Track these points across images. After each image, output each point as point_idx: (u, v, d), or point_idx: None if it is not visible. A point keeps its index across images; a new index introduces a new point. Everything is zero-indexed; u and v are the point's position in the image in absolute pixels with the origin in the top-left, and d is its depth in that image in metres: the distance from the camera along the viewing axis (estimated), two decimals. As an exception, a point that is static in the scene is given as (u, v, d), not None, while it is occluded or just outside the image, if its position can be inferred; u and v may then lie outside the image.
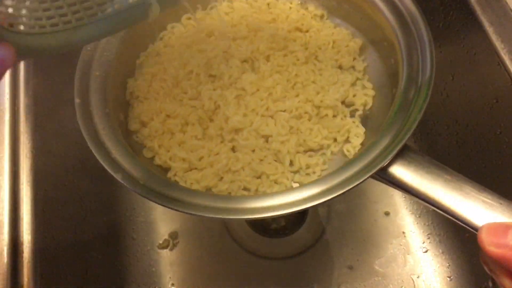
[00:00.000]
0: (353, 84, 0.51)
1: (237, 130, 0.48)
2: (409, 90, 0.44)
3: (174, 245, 0.57)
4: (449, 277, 0.57)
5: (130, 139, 0.48)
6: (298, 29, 0.55)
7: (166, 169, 0.47)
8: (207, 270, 0.55)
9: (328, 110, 0.49)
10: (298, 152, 0.47)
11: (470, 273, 0.56)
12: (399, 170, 0.39)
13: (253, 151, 0.47)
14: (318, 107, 0.49)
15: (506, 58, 0.47)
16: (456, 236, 0.59)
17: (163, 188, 0.41)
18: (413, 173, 0.39)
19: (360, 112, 0.49)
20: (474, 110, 0.47)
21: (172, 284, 0.54)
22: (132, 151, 0.44)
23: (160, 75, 0.51)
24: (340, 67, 0.52)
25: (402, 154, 0.39)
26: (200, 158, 0.46)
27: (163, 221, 0.58)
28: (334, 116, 0.49)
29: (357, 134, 0.48)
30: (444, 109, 0.59)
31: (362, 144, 0.47)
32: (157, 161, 0.47)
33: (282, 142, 0.47)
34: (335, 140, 0.48)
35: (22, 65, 0.47)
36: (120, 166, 0.42)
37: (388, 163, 0.38)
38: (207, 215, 0.39)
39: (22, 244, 0.40)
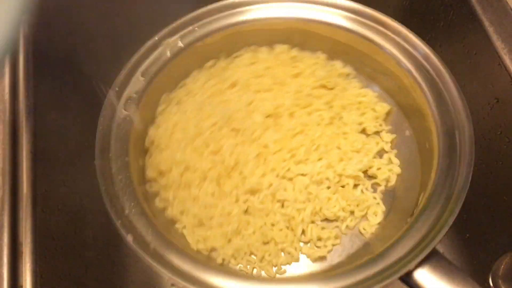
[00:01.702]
0: (379, 155, 0.49)
1: (253, 191, 0.46)
2: (443, 186, 0.41)
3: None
4: None
5: (145, 186, 0.47)
6: (323, 86, 0.52)
7: (175, 220, 0.46)
8: (207, 270, 0.55)
9: (349, 180, 0.47)
10: (312, 222, 0.45)
11: None
12: (424, 276, 0.37)
13: (267, 215, 0.45)
14: (340, 175, 0.47)
15: (506, 58, 0.47)
16: None
17: (175, 256, 0.39)
18: (438, 280, 0.36)
19: (382, 188, 0.47)
20: (474, 110, 0.47)
21: (172, 284, 0.54)
22: (146, 207, 0.43)
23: (181, 125, 0.49)
24: (364, 131, 0.50)
25: (428, 258, 0.37)
26: (211, 217, 0.45)
27: (163, 221, 0.58)
28: (355, 186, 0.47)
29: (376, 212, 0.46)
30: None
31: (379, 223, 0.45)
32: (169, 213, 0.46)
33: (298, 210, 0.45)
34: (352, 213, 0.46)
35: (22, 65, 0.47)
36: (132, 225, 0.41)
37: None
38: None
39: (22, 244, 0.40)
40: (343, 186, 0.47)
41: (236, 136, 0.48)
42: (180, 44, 0.51)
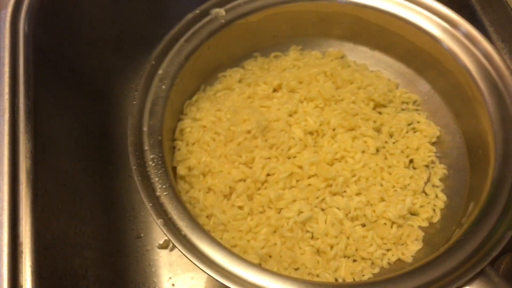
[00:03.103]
0: (423, 191, 0.45)
1: (281, 218, 0.43)
2: (500, 196, 0.38)
3: (174, 245, 0.56)
4: None
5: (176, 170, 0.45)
6: (374, 102, 0.48)
7: (201, 221, 0.43)
8: (207, 270, 0.55)
9: (387, 221, 0.43)
10: (345, 256, 0.42)
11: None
12: None
13: (295, 244, 0.42)
14: (378, 216, 0.43)
15: (506, 58, 0.47)
16: None
17: (208, 247, 0.36)
18: None
19: (420, 224, 0.44)
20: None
21: (172, 284, 0.54)
22: (178, 191, 0.40)
23: (213, 124, 0.46)
24: (412, 162, 0.46)
25: (478, 275, 0.34)
26: (239, 231, 0.42)
27: (163, 221, 0.58)
28: (393, 223, 0.43)
29: (418, 237, 0.43)
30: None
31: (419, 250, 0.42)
32: (197, 211, 0.43)
33: (329, 244, 0.42)
34: (388, 250, 0.43)
35: (21, 65, 0.47)
36: (163, 208, 0.38)
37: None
38: None
39: (22, 244, 0.40)
40: (378, 225, 0.43)
41: (271, 149, 0.45)
42: (223, 13, 0.49)
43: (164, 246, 0.56)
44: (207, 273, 0.35)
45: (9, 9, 0.49)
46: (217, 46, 0.49)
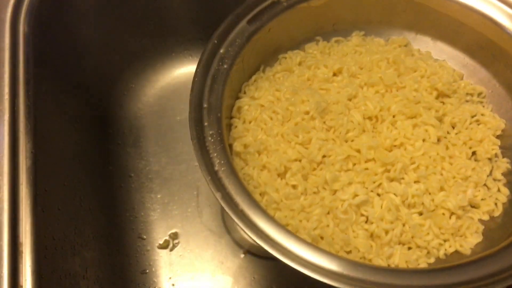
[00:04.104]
0: (484, 184, 0.43)
1: (336, 199, 0.42)
2: None
3: (174, 245, 0.56)
4: None
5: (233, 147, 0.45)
6: (438, 91, 0.47)
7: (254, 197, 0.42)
8: (207, 270, 0.55)
9: (446, 211, 0.42)
10: (399, 243, 0.41)
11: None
12: None
13: (349, 226, 0.41)
14: (437, 206, 0.42)
15: None
16: None
17: (263, 222, 0.36)
18: None
19: (481, 217, 0.42)
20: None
21: (172, 284, 0.54)
22: (235, 168, 0.40)
23: (272, 104, 0.46)
24: (474, 154, 0.45)
25: None
26: (292, 210, 0.42)
27: (163, 221, 0.58)
28: (452, 214, 0.42)
29: (478, 229, 0.42)
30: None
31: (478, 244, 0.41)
32: (250, 188, 0.42)
33: (384, 229, 0.41)
34: (446, 241, 0.41)
35: (21, 65, 0.47)
36: (221, 182, 0.38)
37: None
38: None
39: (22, 244, 0.40)
40: (437, 214, 0.42)
41: (329, 131, 0.44)
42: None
43: (164, 246, 0.56)
44: (263, 247, 0.35)
45: (9, 9, 0.49)
46: (278, 28, 0.49)
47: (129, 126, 0.64)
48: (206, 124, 0.41)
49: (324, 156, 0.43)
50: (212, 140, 0.40)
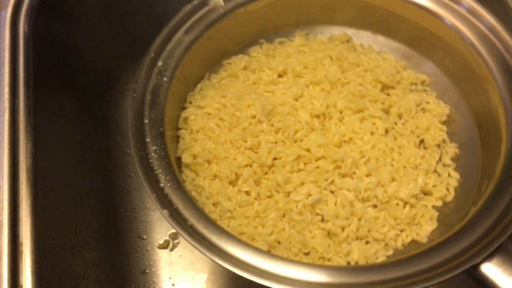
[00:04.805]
0: (435, 171, 0.44)
1: (290, 201, 0.42)
2: (508, 182, 0.37)
3: (174, 245, 0.56)
4: None
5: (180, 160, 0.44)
6: (382, 84, 0.48)
7: (207, 209, 0.42)
8: (207, 270, 0.55)
9: (400, 201, 0.42)
10: (357, 238, 0.41)
11: None
12: (491, 270, 0.33)
13: (305, 227, 0.41)
14: (390, 197, 0.42)
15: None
16: None
17: (215, 236, 0.35)
18: (508, 276, 0.33)
19: (434, 204, 0.43)
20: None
21: (172, 284, 0.54)
22: (183, 181, 0.40)
23: (217, 113, 0.46)
24: (422, 142, 0.46)
25: (496, 251, 0.34)
26: (246, 217, 0.41)
27: (163, 221, 0.58)
28: (405, 204, 0.42)
29: (432, 217, 0.42)
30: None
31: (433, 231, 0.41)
32: (203, 200, 0.43)
33: (340, 226, 0.41)
34: (402, 231, 0.42)
35: (21, 65, 0.47)
36: (168, 198, 0.38)
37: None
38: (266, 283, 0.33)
39: (22, 244, 0.40)
40: (391, 205, 0.42)
41: (277, 133, 0.44)
42: (221, 3, 0.49)
43: (164, 246, 0.56)
44: (216, 261, 0.34)
45: (9, 9, 0.49)
46: (218, 35, 0.49)
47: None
48: (148, 140, 0.41)
49: (274, 159, 0.43)
50: (156, 156, 0.40)
